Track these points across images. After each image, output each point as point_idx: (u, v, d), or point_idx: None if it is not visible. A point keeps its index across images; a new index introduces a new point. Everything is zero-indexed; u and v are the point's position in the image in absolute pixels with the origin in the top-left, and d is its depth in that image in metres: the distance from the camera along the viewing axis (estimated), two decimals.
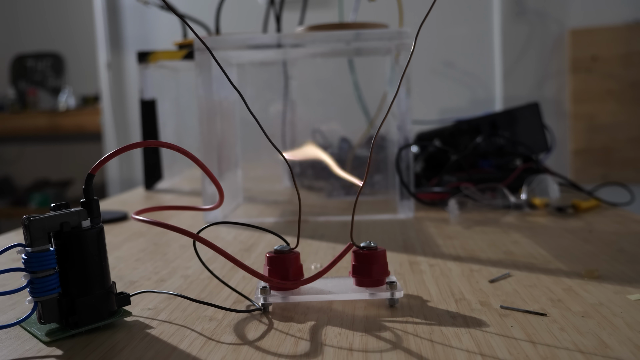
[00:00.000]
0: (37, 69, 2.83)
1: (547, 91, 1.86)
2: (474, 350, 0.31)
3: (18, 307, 0.40)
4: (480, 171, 0.81)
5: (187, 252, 0.55)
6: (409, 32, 0.67)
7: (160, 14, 2.05)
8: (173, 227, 0.36)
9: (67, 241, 0.34)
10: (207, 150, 0.69)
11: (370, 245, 0.40)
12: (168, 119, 1.10)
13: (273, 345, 0.33)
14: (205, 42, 0.69)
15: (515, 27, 1.85)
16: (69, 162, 2.86)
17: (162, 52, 0.95)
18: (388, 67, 0.78)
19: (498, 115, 0.90)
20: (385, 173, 0.86)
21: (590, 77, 1.81)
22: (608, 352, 0.30)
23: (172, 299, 0.41)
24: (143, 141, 0.41)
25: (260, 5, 1.71)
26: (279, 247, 0.40)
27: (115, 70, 2.26)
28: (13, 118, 2.66)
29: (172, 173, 1.10)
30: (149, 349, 0.33)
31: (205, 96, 0.68)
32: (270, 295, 0.38)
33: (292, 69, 0.97)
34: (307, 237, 0.60)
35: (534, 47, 1.86)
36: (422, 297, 0.40)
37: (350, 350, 0.32)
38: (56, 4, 2.81)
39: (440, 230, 0.61)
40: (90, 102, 2.67)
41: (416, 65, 1.75)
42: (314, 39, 0.70)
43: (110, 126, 2.28)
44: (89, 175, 0.35)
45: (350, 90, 0.94)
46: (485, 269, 0.46)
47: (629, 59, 1.79)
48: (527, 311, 0.36)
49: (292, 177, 0.39)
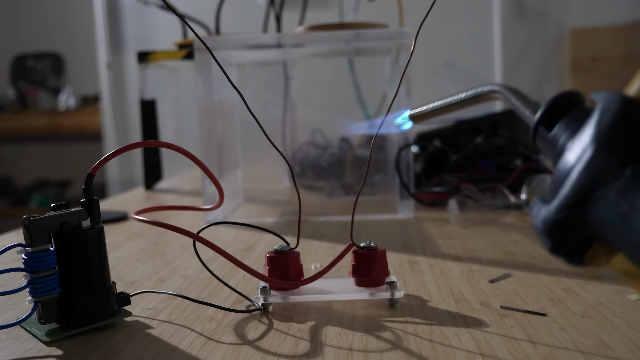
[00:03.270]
0: (37, 69, 2.83)
1: (547, 91, 1.86)
2: (474, 350, 0.31)
3: (18, 307, 0.40)
4: (480, 171, 0.81)
5: (187, 252, 0.55)
6: (409, 32, 0.67)
7: (160, 14, 2.05)
8: (173, 227, 0.36)
9: (67, 241, 0.34)
10: (207, 150, 0.69)
11: (370, 245, 0.40)
12: (168, 119, 1.10)
13: (273, 345, 0.33)
14: (205, 42, 0.69)
15: (515, 27, 1.85)
16: (69, 162, 2.86)
17: (162, 52, 0.95)
18: (388, 67, 0.78)
19: (498, 115, 0.90)
20: (385, 173, 0.86)
21: (590, 77, 1.81)
22: (608, 352, 0.30)
23: (172, 299, 0.41)
24: (143, 141, 0.41)
25: (260, 5, 1.71)
26: (279, 247, 0.40)
27: (115, 70, 2.26)
28: (13, 118, 2.67)
29: (172, 173, 1.10)
30: (149, 349, 0.33)
31: (205, 96, 0.68)
32: (270, 295, 0.38)
33: (292, 69, 0.97)
34: (307, 237, 0.60)
35: (534, 47, 1.86)
36: (422, 297, 0.40)
37: (350, 350, 0.32)
38: (56, 4, 2.81)
39: (440, 230, 0.61)
40: (90, 102, 2.67)
41: (416, 65, 1.75)
42: (314, 39, 0.70)
43: (110, 126, 2.28)
44: (89, 175, 0.35)
45: (350, 90, 0.94)
46: (485, 269, 0.46)
47: (629, 59, 1.79)
48: (527, 311, 0.36)
49: (292, 177, 0.39)
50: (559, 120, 0.27)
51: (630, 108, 0.23)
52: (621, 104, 0.23)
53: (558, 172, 0.25)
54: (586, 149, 0.24)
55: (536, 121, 0.27)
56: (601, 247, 0.24)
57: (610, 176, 0.23)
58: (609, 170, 0.23)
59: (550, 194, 0.25)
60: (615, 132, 0.23)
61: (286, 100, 0.96)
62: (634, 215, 0.21)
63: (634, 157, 0.23)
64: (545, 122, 0.27)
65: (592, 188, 0.23)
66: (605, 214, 0.22)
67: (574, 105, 0.27)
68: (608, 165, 0.23)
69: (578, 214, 0.23)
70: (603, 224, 0.23)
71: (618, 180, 0.22)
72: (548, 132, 0.27)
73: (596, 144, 0.23)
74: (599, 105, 0.24)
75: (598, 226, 0.23)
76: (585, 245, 0.24)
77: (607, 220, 0.22)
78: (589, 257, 0.24)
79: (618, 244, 0.22)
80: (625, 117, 0.23)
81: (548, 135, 0.27)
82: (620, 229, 0.22)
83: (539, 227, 0.25)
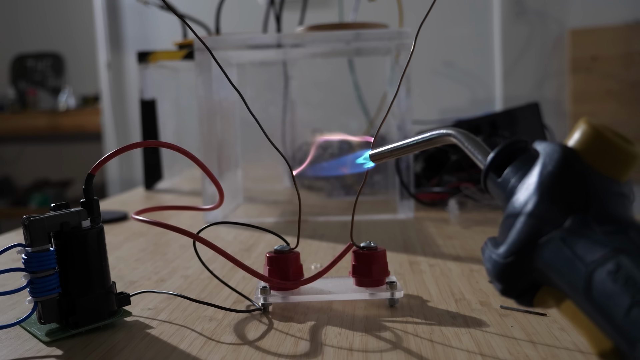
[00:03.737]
0: (37, 69, 2.83)
1: (547, 91, 1.86)
2: (474, 350, 0.31)
3: (18, 307, 0.40)
4: (480, 171, 0.81)
5: (187, 252, 0.55)
6: (409, 32, 0.67)
7: (160, 14, 2.05)
8: (173, 227, 0.36)
9: (67, 241, 0.34)
10: (207, 150, 0.69)
11: (370, 245, 0.40)
12: (168, 119, 1.10)
13: (273, 345, 0.33)
14: (205, 42, 0.69)
15: (515, 27, 1.85)
16: (69, 162, 2.86)
17: (162, 52, 0.95)
18: (388, 67, 0.78)
19: (498, 115, 0.90)
20: (385, 173, 0.86)
21: (590, 77, 1.81)
22: None
23: (172, 299, 0.41)
24: (143, 141, 0.41)
25: (260, 5, 1.71)
26: (279, 247, 0.40)
27: (115, 70, 2.26)
28: (13, 118, 2.66)
29: (172, 173, 1.10)
30: (149, 349, 0.33)
31: (205, 96, 0.68)
32: (270, 295, 0.38)
33: (292, 69, 0.97)
34: (307, 237, 0.60)
35: (534, 47, 1.86)
36: (422, 297, 0.40)
37: (350, 350, 0.32)
38: (56, 4, 2.81)
39: (440, 230, 0.61)
40: (90, 102, 2.67)
41: (416, 65, 1.75)
42: (314, 39, 0.70)
43: (110, 126, 2.28)
44: (89, 175, 0.35)
45: (350, 90, 0.94)
46: (485, 269, 0.46)
47: (629, 59, 1.79)
48: (527, 311, 0.36)
49: (292, 177, 0.39)
50: (508, 165, 0.28)
51: (571, 158, 0.24)
52: (562, 154, 0.24)
53: (507, 215, 0.26)
54: (530, 198, 0.25)
55: (487, 166, 0.29)
56: (549, 290, 0.24)
57: (552, 224, 0.24)
58: (551, 218, 0.24)
59: (500, 237, 0.26)
60: (556, 182, 0.24)
61: (286, 100, 0.96)
62: (576, 262, 0.22)
63: (574, 206, 0.24)
64: (495, 168, 0.28)
65: (537, 235, 0.24)
66: (550, 259, 0.23)
67: (522, 151, 0.27)
68: (550, 214, 0.24)
69: (524, 259, 0.24)
70: (549, 269, 0.23)
71: (559, 229, 0.23)
72: (498, 177, 0.28)
73: (539, 193, 0.24)
74: (542, 155, 0.25)
75: (545, 271, 0.24)
76: (534, 288, 0.25)
77: (552, 265, 0.23)
78: (538, 300, 0.25)
79: (564, 289, 0.23)
80: (566, 167, 0.24)
81: (498, 179, 0.28)
82: (565, 275, 0.23)
83: (489, 270, 0.26)
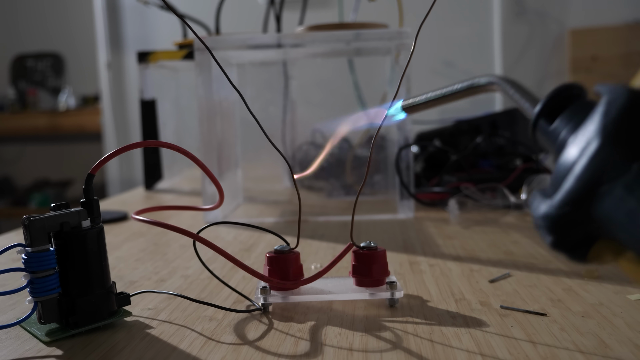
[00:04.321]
0: (37, 69, 2.83)
1: (547, 91, 1.85)
2: (474, 350, 0.31)
3: (18, 307, 0.40)
4: (480, 171, 0.81)
5: (187, 252, 0.55)
6: (409, 32, 0.67)
7: (160, 14, 2.05)
8: (173, 227, 0.36)
9: (67, 241, 0.34)
10: (207, 150, 0.69)
11: (370, 245, 0.40)
12: (168, 119, 1.10)
13: (273, 345, 0.33)
14: (205, 42, 0.69)
15: (515, 27, 1.85)
16: (69, 162, 2.86)
17: (162, 52, 0.95)
18: (388, 67, 0.78)
19: (498, 115, 0.90)
20: (385, 173, 0.86)
21: (590, 77, 1.81)
22: (608, 352, 0.30)
23: (172, 299, 0.41)
24: (143, 141, 0.41)
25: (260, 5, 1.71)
26: (279, 247, 0.40)
27: (115, 70, 2.26)
28: (13, 118, 2.67)
29: (172, 173, 1.10)
30: (149, 349, 0.33)
31: (205, 96, 0.68)
32: (270, 295, 0.38)
33: (292, 69, 0.97)
34: (307, 237, 0.60)
35: (534, 47, 1.86)
36: (422, 297, 0.40)
37: (350, 350, 0.32)
38: (56, 4, 2.81)
39: (440, 230, 0.61)
40: (90, 102, 2.67)
41: (416, 65, 1.75)
42: (314, 39, 0.70)
43: (110, 126, 2.28)
44: (89, 175, 0.35)
45: (350, 90, 0.94)
46: (485, 269, 0.46)
47: (629, 59, 1.79)
48: (527, 311, 0.36)
49: (292, 177, 0.39)
50: (559, 113, 0.26)
51: (637, 101, 0.22)
52: (628, 96, 0.23)
53: (560, 166, 0.24)
54: (591, 142, 0.23)
55: (536, 114, 0.26)
56: (607, 244, 0.23)
57: (616, 171, 0.22)
58: (616, 164, 0.22)
59: (551, 189, 0.24)
60: (623, 125, 0.22)
61: (286, 100, 0.96)
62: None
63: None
64: (545, 115, 0.26)
65: (598, 182, 0.22)
66: (612, 210, 0.21)
67: (576, 98, 0.26)
68: (614, 159, 0.22)
69: (582, 209, 0.22)
70: (609, 220, 0.22)
71: (625, 175, 0.21)
72: (549, 126, 0.26)
73: (602, 137, 0.22)
74: (605, 98, 0.23)
75: (603, 222, 0.22)
76: (589, 241, 0.23)
77: (613, 217, 0.21)
78: (593, 254, 0.23)
79: (625, 242, 0.22)
80: (633, 110, 0.22)
81: (549, 128, 0.26)
82: (627, 226, 0.21)
83: (539, 221, 0.24)
